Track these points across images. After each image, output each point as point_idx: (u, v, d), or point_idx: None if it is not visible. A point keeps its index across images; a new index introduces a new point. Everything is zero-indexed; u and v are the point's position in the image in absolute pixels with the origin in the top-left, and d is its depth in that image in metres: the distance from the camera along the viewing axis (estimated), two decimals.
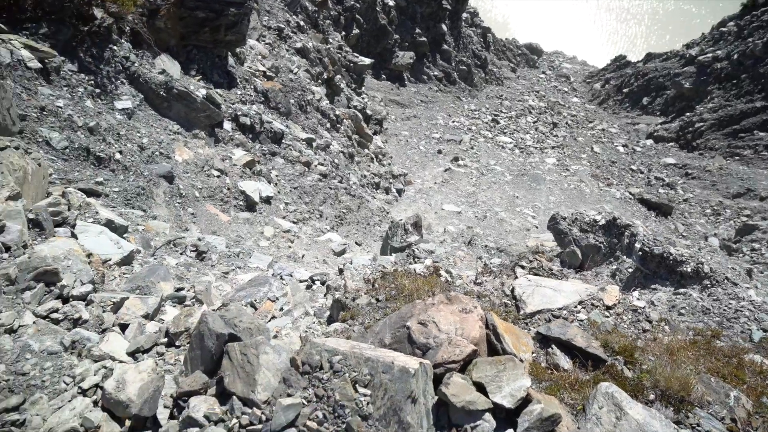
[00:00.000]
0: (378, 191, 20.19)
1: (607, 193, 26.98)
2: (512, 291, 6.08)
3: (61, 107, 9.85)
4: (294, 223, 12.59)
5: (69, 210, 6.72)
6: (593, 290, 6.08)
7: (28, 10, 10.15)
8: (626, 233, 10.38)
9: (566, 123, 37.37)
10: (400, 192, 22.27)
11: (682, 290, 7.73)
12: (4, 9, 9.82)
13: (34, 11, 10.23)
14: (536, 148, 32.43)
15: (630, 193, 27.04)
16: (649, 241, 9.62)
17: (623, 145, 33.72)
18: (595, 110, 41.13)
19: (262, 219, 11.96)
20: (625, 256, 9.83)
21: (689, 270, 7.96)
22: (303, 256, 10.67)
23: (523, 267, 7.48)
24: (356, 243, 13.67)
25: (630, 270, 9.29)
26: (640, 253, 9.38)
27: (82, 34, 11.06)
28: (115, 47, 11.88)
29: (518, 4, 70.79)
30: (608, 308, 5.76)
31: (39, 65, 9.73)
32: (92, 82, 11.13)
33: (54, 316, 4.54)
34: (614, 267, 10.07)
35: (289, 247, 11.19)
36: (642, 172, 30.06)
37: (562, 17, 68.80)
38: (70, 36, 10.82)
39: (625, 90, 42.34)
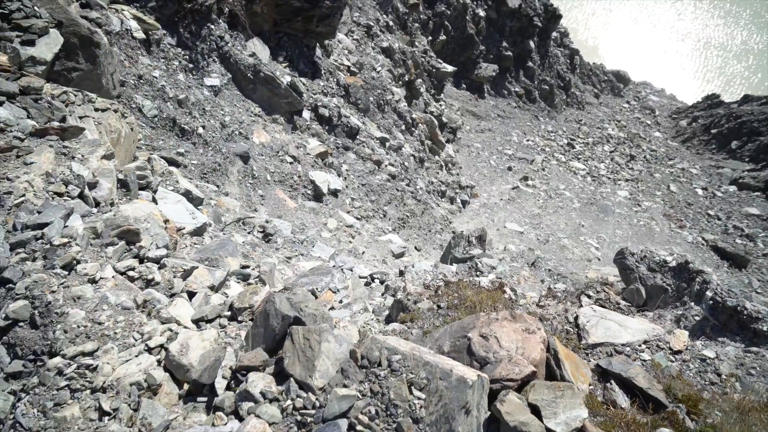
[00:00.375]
0: (443, 199, 20.10)
1: (678, 235, 25.90)
2: (575, 319, 5.92)
3: (156, 77, 10.29)
4: (357, 219, 12.69)
5: (152, 175, 7.01)
6: (660, 331, 5.84)
7: None
8: (697, 279, 9.92)
9: (644, 157, 36.08)
10: (464, 203, 22.10)
11: (754, 348, 7.31)
12: None
13: None
14: (609, 178, 31.47)
15: (703, 238, 25.83)
16: (723, 291, 9.15)
17: (703, 188, 32.19)
18: (678, 148, 39.48)
19: (328, 210, 12.11)
20: (693, 303, 9.39)
21: (765, 328, 7.53)
22: (363, 252, 10.74)
23: (589, 296, 7.27)
24: (415, 248, 13.65)
25: (697, 318, 8.87)
26: (711, 302, 8.94)
27: (184, 11, 11.52)
28: (212, 26, 12.31)
29: (611, 29, 68.69)
30: (674, 352, 5.52)
31: (143, 36, 10.20)
32: (187, 56, 11.57)
33: (131, 273, 4.74)
34: (680, 312, 9.63)
35: (350, 242, 11.28)
36: (719, 219, 28.65)
37: (656, 48, 66.29)
38: (174, 11, 11.29)
39: (713, 131, 40.43)
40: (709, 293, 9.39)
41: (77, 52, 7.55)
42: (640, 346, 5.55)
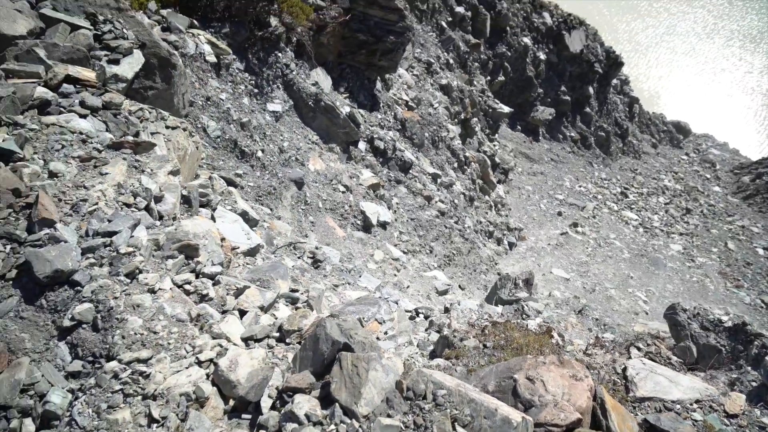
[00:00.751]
0: (490, 240, 19.97)
1: (735, 295, 24.87)
2: (624, 370, 5.76)
3: (222, 100, 10.71)
4: (404, 253, 12.74)
5: (213, 194, 7.26)
6: (714, 392, 5.62)
7: (218, 11, 11.27)
8: (756, 342, 9.52)
9: (701, 211, 34.96)
10: (511, 245, 21.88)
11: None
12: (201, 9, 11.04)
13: (223, 13, 11.31)
14: (662, 231, 30.61)
15: (763, 300, 24.71)
16: None
17: (764, 248, 30.80)
18: (738, 204, 38.07)
19: (375, 242, 12.21)
20: (750, 368, 8.99)
21: None
22: (408, 287, 10.76)
23: (638, 348, 7.07)
24: (459, 286, 13.57)
25: (754, 384, 8.47)
26: None
27: (255, 38, 12.02)
28: (279, 54, 12.77)
29: (674, 79, 67.44)
30: (729, 416, 5.29)
31: (215, 60, 10.68)
32: (253, 81, 12.01)
33: (187, 287, 4.90)
34: (734, 376, 9.22)
35: (395, 275, 11.32)
36: None
37: (720, 102, 64.63)
38: (245, 38, 11.80)
39: None
40: None
41: (155, 72, 7.97)
42: (691, 404, 5.34)
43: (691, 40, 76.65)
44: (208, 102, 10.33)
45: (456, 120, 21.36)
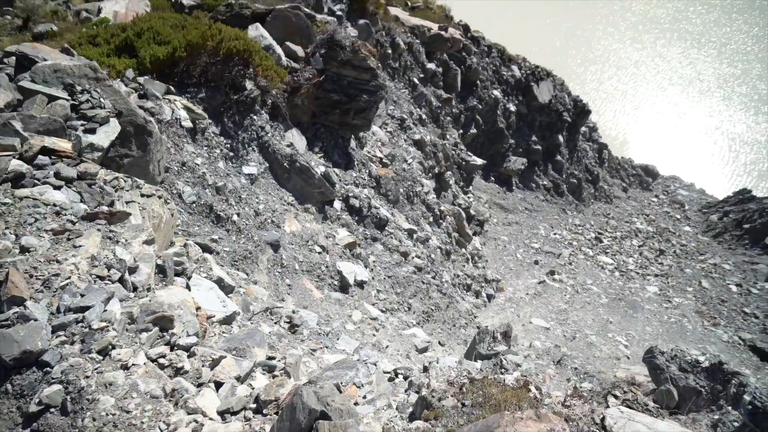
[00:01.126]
0: (468, 293, 20.00)
1: (713, 334, 25.06)
2: (602, 420, 5.76)
3: (198, 164, 10.80)
4: (382, 311, 12.70)
5: (188, 262, 7.25)
6: None
7: (194, 76, 11.50)
8: (733, 381, 9.57)
9: (674, 252, 35.55)
10: (489, 297, 21.92)
11: None
12: (177, 75, 11.28)
13: (199, 78, 11.56)
14: (638, 273, 30.98)
15: (740, 338, 24.91)
16: (763, 395, 8.82)
17: (737, 284, 31.24)
18: (709, 243, 38.81)
19: (353, 302, 12.17)
20: (730, 407, 9.02)
21: None
22: (387, 346, 10.68)
23: (616, 396, 7.08)
24: (439, 342, 13.51)
25: (735, 424, 8.49)
26: (750, 407, 8.60)
27: (230, 102, 12.25)
28: (254, 116, 12.98)
29: (640, 124, 69.96)
30: None
31: (190, 125, 10.83)
32: (228, 145, 12.15)
33: (161, 361, 4.84)
34: (716, 417, 9.22)
35: (374, 335, 11.25)
36: (757, 317, 27.63)
37: (685, 144, 66.94)
38: (221, 102, 12.02)
39: (745, 226, 39.74)
40: (747, 397, 9.02)
41: (131, 140, 8.07)
42: None
43: (654, 87, 79.93)
44: (184, 167, 10.41)
45: (430, 174, 21.70)
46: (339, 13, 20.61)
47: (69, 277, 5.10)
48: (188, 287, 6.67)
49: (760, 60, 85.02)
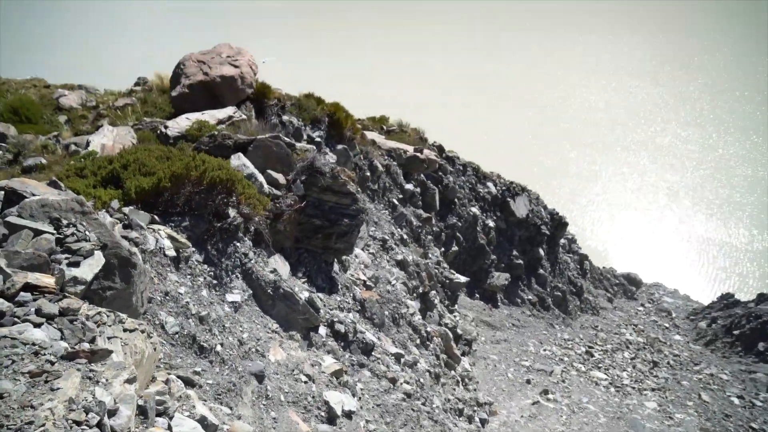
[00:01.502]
0: (461, 419, 19.21)
1: None
2: None
3: (181, 294, 10.65)
4: None
5: (170, 400, 6.92)
6: None
7: (178, 206, 11.68)
8: None
9: (668, 363, 34.81)
10: (483, 422, 21.07)
11: None
12: (161, 204, 11.46)
13: (183, 207, 11.74)
14: (634, 388, 30.10)
15: None
16: None
17: (738, 396, 30.18)
18: (702, 351, 38.16)
19: None
20: None
21: None
22: None
23: None
24: None
25: None
26: None
27: (214, 229, 12.34)
28: (238, 244, 13.03)
29: (617, 233, 71.95)
30: None
31: (174, 254, 10.81)
32: (212, 273, 12.07)
33: None
34: None
35: None
36: None
37: (662, 250, 68.53)
38: (204, 230, 12.10)
39: (735, 332, 39.36)
40: None
41: (115, 272, 7.98)
42: None
43: (625, 195, 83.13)
44: (167, 297, 10.25)
45: (414, 294, 21.64)
46: (318, 139, 21.54)
47: (43, 425, 4.79)
48: (170, 428, 6.32)
49: (715, 170, 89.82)
